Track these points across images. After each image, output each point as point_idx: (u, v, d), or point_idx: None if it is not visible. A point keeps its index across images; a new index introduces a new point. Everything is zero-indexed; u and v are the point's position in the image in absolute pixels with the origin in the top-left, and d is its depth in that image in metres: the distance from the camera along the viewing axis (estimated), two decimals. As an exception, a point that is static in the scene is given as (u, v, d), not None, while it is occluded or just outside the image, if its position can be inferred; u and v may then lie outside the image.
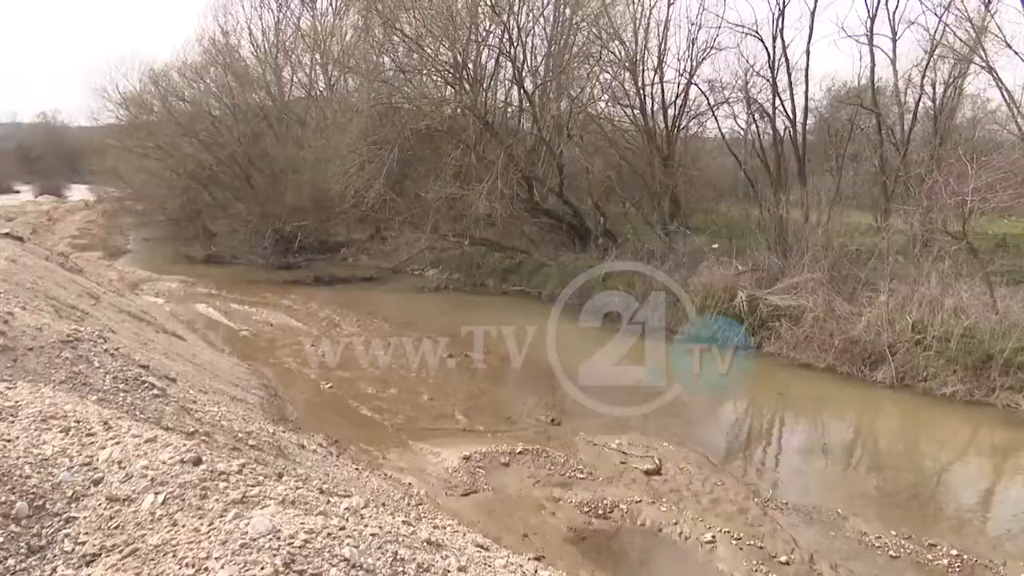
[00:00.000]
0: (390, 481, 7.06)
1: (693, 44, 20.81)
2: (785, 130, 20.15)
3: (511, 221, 20.99)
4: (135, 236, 30.74)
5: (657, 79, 21.13)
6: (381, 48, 22.08)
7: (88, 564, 2.57)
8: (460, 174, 20.14)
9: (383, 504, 5.18)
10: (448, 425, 9.48)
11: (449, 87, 21.17)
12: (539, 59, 21.93)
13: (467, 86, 20.41)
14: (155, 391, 5.22)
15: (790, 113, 19.73)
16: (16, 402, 3.65)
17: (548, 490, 7.36)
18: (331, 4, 30.18)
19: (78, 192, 53.65)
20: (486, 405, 10.42)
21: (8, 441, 3.14)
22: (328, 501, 3.10)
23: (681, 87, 21.33)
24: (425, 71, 20.78)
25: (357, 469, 7.03)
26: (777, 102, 19.78)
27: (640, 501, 7.20)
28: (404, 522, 3.38)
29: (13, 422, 3.40)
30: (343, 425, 9.34)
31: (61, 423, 3.53)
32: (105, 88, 30.11)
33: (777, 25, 19.48)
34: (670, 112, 21.49)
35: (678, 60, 30.14)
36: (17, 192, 61.61)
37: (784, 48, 19.43)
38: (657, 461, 8.22)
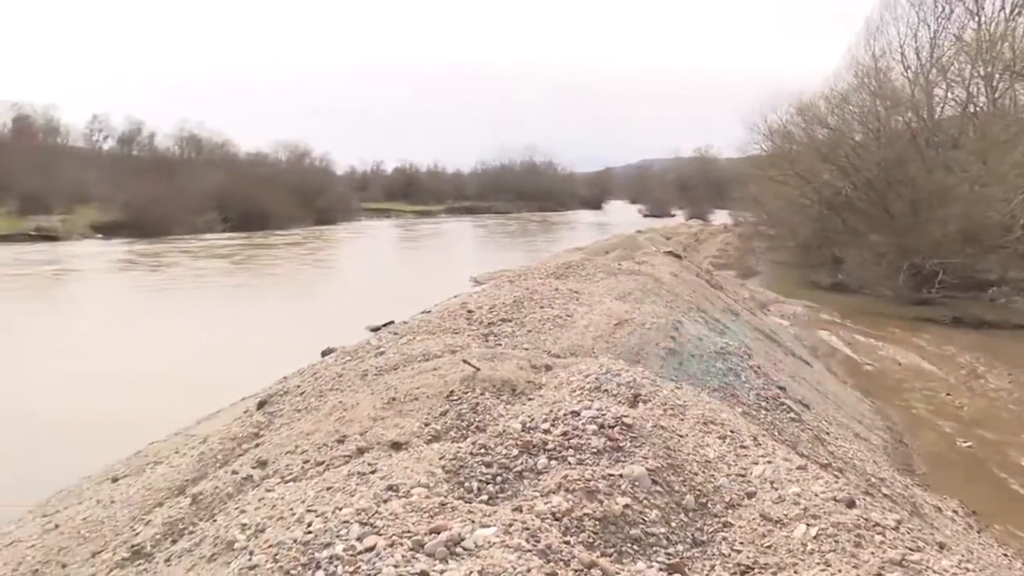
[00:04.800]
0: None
1: None
2: None
3: None
4: (765, 259, 32.61)
5: None
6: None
7: (743, 574, 2.70)
8: None
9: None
10: None
11: None
12: None
13: None
14: (792, 415, 5.30)
15: None
16: (683, 402, 4.14)
17: None
18: (1003, 7, 26.27)
19: (720, 217, 60.18)
20: None
21: (680, 436, 3.57)
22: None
23: None
24: None
25: (1006, 556, 5.84)
26: None
27: None
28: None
29: (683, 420, 3.86)
30: (982, 495, 7.93)
31: (718, 430, 3.84)
32: (755, 122, 32.83)
33: None
34: None
35: None
36: (673, 215, 73.13)
37: None
38: None
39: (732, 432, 3.82)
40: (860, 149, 25.74)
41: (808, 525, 2.81)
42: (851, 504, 2.91)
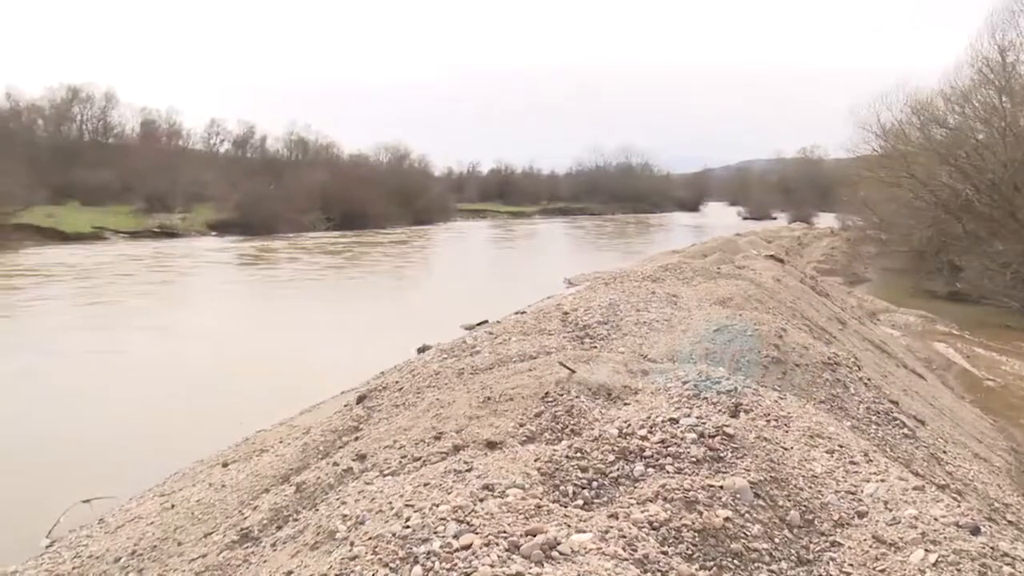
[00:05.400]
0: None
1: None
2: None
3: None
4: (875, 265, 30.88)
5: None
6: None
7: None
8: None
9: None
10: None
11: None
12: None
13: None
14: (905, 430, 4.99)
15: None
16: (788, 413, 3.96)
17: None
18: None
19: (825, 220, 57.57)
20: None
21: (785, 449, 3.42)
22: None
23: None
24: None
25: None
26: None
27: None
28: None
29: (787, 432, 3.69)
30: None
31: (826, 444, 3.65)
32: (867, 121, 31.00)
33: None
34: None
35: None
36: (774, 218, 70.58)
37: None
38: None
39: (841, 447, 3.63)
40: (983, 149, 23.96)
41: (927, 551, 2.63)
42: (976, 531, 2.70)
